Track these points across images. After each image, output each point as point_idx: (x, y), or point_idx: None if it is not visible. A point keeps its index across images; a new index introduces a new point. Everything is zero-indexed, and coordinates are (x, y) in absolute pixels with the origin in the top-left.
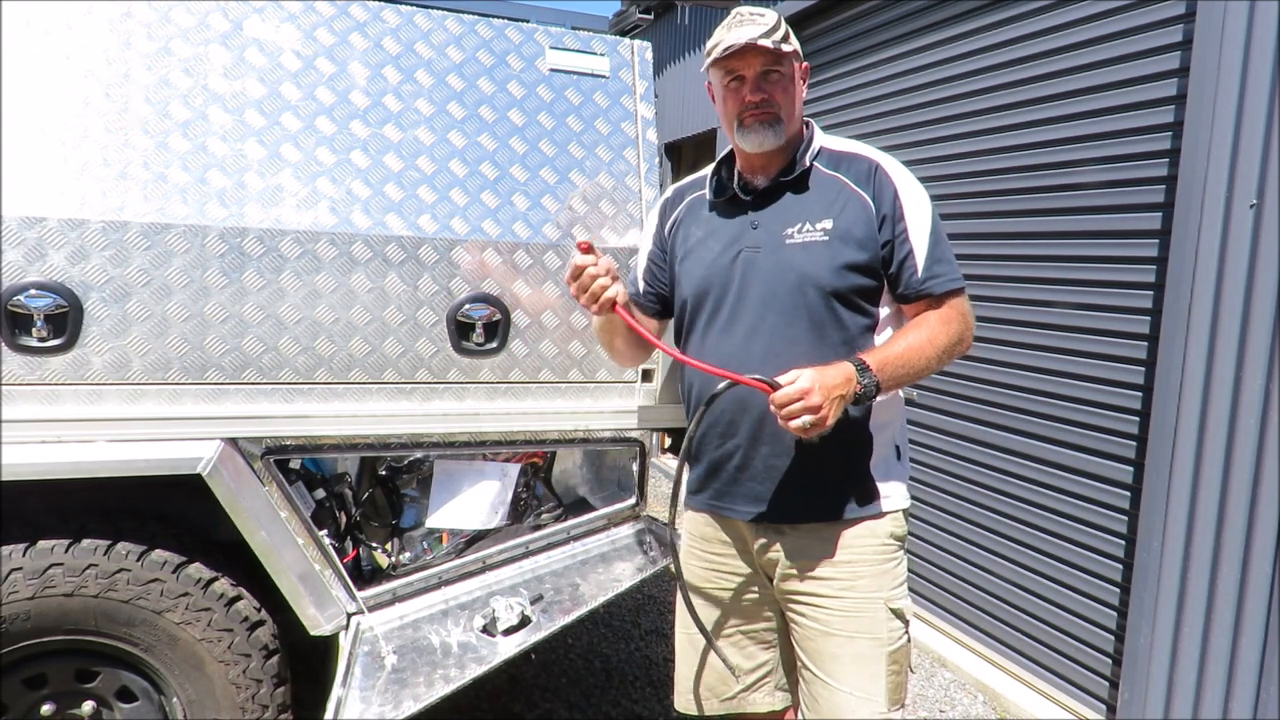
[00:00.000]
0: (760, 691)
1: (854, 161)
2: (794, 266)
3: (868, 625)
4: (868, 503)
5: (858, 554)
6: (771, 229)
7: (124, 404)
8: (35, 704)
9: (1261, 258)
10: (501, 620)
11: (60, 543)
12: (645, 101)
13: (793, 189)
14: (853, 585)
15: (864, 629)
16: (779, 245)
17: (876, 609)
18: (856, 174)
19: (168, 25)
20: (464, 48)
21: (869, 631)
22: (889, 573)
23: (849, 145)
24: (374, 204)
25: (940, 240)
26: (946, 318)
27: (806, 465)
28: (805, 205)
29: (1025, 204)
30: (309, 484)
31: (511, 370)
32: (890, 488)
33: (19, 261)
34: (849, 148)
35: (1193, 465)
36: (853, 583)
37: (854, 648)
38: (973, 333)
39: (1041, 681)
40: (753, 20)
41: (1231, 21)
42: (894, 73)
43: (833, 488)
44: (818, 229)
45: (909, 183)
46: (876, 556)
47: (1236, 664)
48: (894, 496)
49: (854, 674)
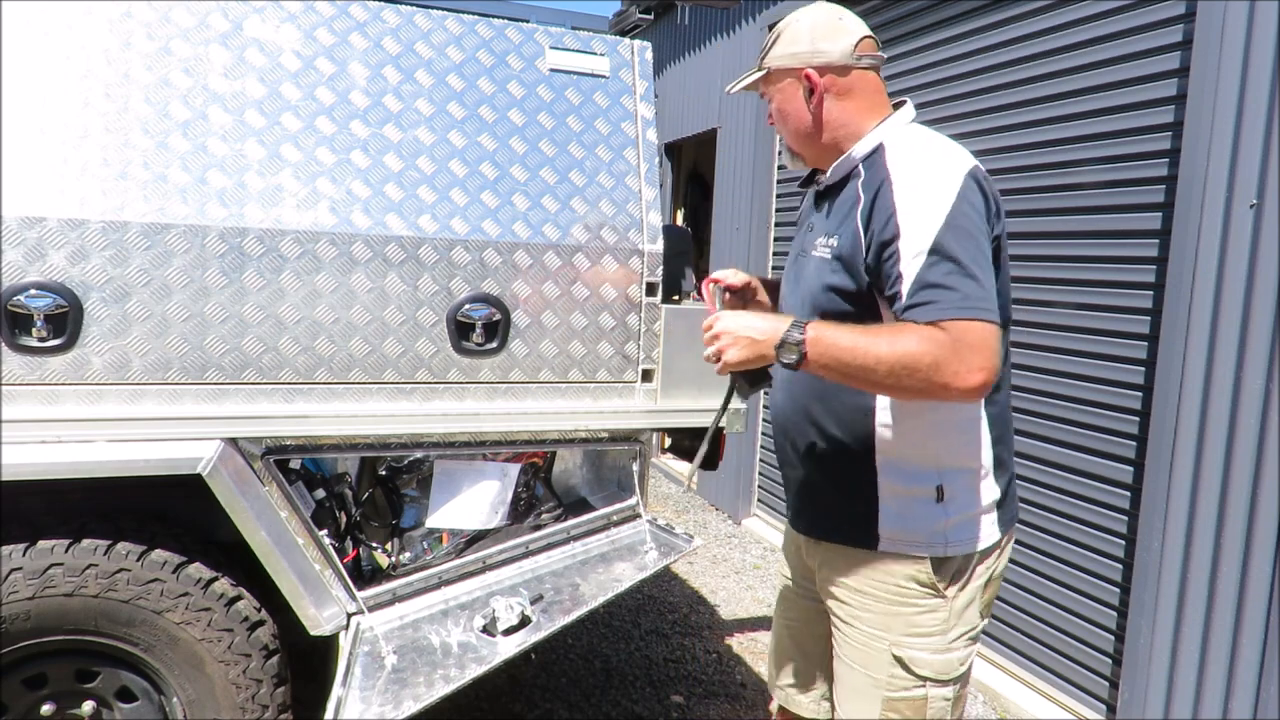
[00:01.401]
0: (807, 695)
1: (877, 171)
2: (806, 279)
3: (865, 660)
4: (865, 538)
5: (871, 587)
6: (813, 236)
7: (124, 404)
8: (35, 704)
9: (1261, 258)
10: (501, 620)
11: (60, 543)
12: (645, 101)
13: (833, 194)
14: (860, 616)
15: (862, 663)
16: (810, 255)
17: (879, 649)
18: (871, 186)
19: (168, 25)
20: (464, 48)
21: (865, 668)
22: (902, 617)
23: (898, 145)
24: (374, 204)
25: (942, 263)
26: (926, 336)
27: (811, 481)
28: (833, 216)
29: (1025, 204)
30: (309, 484)
31: (511, 370)
32: (916, 533)
33: (19, 261)
34: (892, 149)
35: (1193, 465)
36: (860, 614)
37: (852, 678)
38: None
39: (1041, 681)
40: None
41: (1231, 21)
42: (893, 73)
43: (830, 511)
44: (829, 244)
45: (914, 196)
46: (890, 596)
47: (1236, 664)
48: (922, 542)
49: (849, 703)
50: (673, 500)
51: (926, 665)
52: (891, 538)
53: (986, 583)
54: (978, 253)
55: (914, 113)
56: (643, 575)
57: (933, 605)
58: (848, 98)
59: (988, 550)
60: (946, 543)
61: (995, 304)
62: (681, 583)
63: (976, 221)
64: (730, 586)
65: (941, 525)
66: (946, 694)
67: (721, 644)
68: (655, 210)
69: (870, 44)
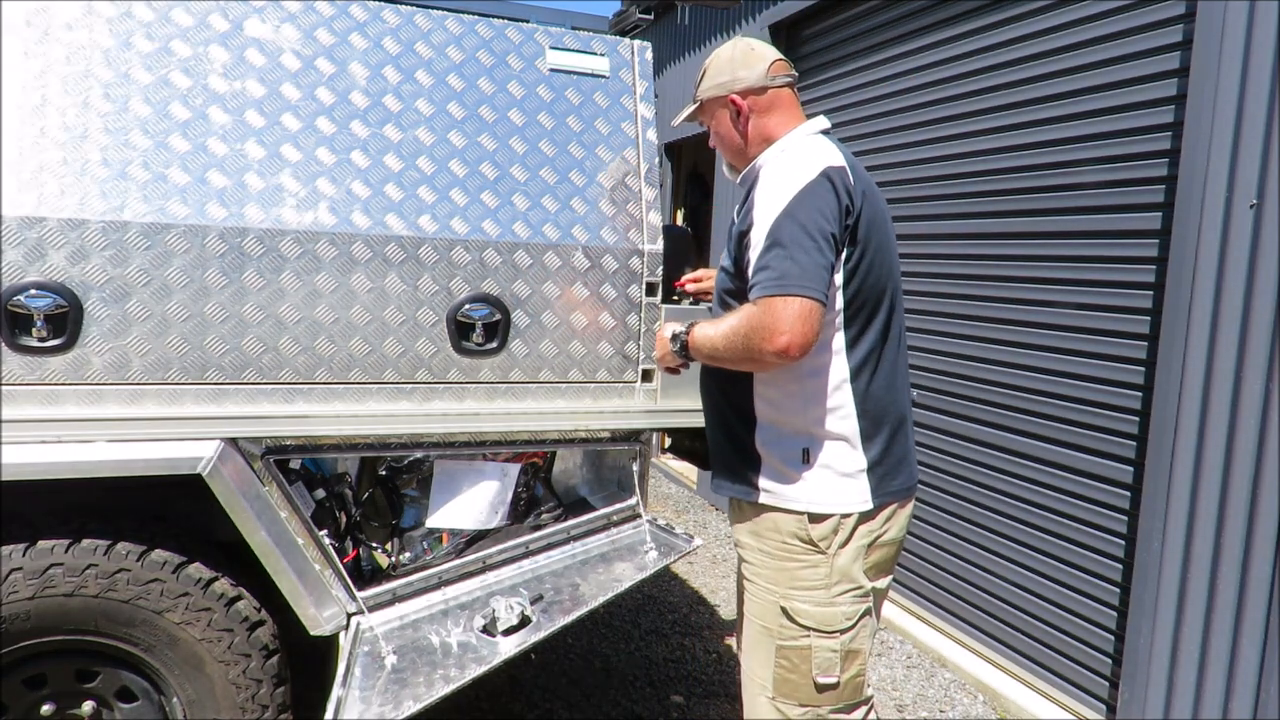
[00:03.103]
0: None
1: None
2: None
3: (761, 611)
4: (750, 490)
5: (762, 543)
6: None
7: (124, 404)
8: (35, 704)
9: (1261, 258)
10: (501, 620)
11: (60, 543)
12: (645, 101)
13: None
14: (759, 572)
15: (758, 615)
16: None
17: (770, 601)
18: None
19: (168, 25)
20: (464, 48)
21: (761, 618)
22: (788, 571)
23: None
24: (374, 204)
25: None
26: (743, 313)
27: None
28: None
29: (1025, 204)
30: (309, 484)
31: (511, 370)
32: (788, 488)
33: (19, 261)
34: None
35: (1193, 465)
36: (759, 570)
37: (751, 629)
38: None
39: (1041, 681)
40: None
41: (1231, 21)
42: (893, 73)
43: (732, 466)
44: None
45: (769, 191)
46: (778, 551)
47: (1236, 664)
48: (793, 497)
49: (749, 652)
50: (673, 500)
51: (809, 616)
52: (768, 490)
53: (870, 544)
54: (804, 237)
55: (824, 124)
56: (643, 575)
57: (814, 561)
58: (768, 114)
59: (869, 515)
60: (813, 500)
61: (814, 283)
62: (681, 583)
63: (812, 213)
64: (730, 586)
65: (809, 483)
66: (833, 645)
67: (721, 644)
68: (655, 210)
69: (782, 65)
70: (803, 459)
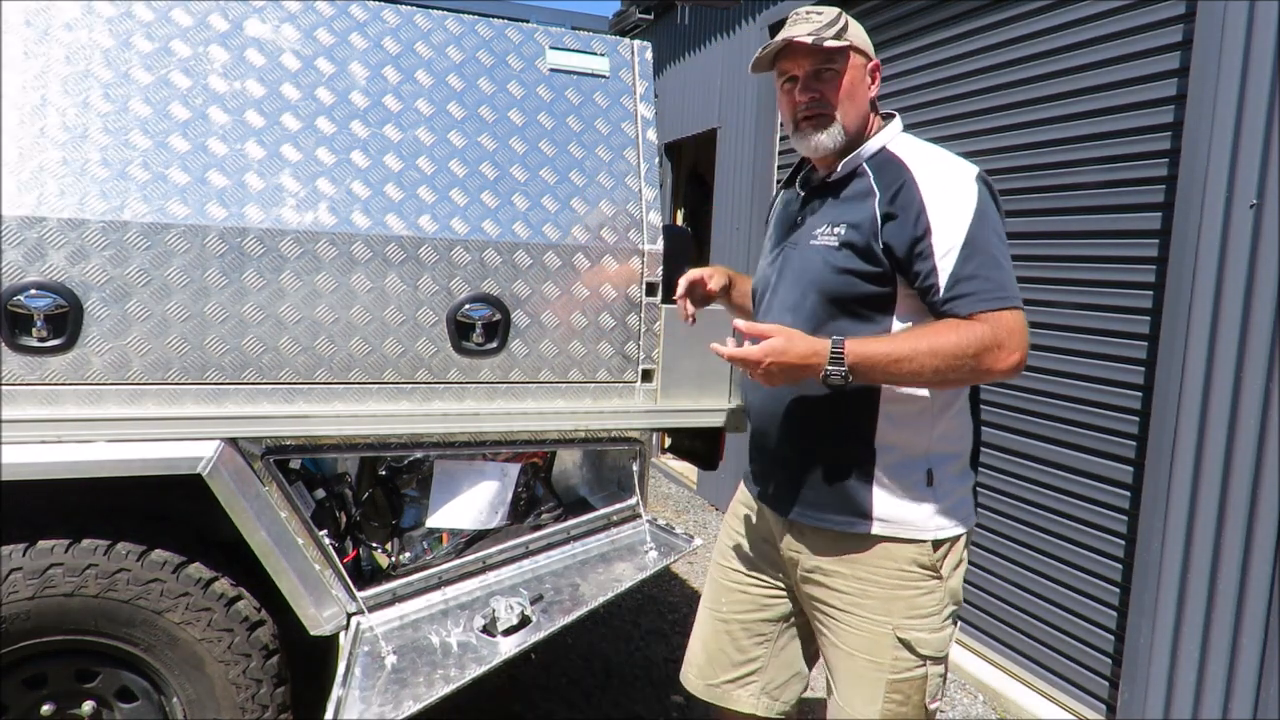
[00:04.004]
0: (745, 689)
1: (893, 170)
2: (807, 269)
3: (868, 646)
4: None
5: (870, 573)
6: (809, 228)
7: (124, 404)
8: (35, 704)
9: (1261, 258)
10: (501, 620)
11: (60, 543)
12: (645, 101)
13: (837, 189)
14: (860, 604)
15: (864, 649)
16: (806, 245)
17: (882, 633)
18: (887, 183)
19: (168, 25)
20: (464, 48)
21: (869, 653)
22: (904, 600)
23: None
24: (374, 204)
25: (974, 256)
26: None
27: (808, 465)
28: (839, 207)
29: (1025, 204)
30: (309, 484)
31: (511, 370)
32: (912, 516)
33: (19, 261)
34: (902, 153)
35: (1193, 465)
36: (861, 601)
37: (853, 665)
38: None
39: (1041, 681)
40: (807, 19)
41: (1231, 21)
42: (893, 73)
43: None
44: (834, 233)
45: (941, 195)
46: (891, 581)
47: (1236, 664)
48: (919, 526)
49: (850, 691)
50: (673, 500)
51: (928, 645)
52: (885, 519)
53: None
54: (1001, 244)
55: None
56: (643, 575)
57: (931, 586)
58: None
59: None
60: (941, 526)
61: (1018, 291)
62: (681, 583)
63: (996, 218)
64: None
65: (934, 508)
66: (940, 670)
67: None
68: (655, 210)
69: None
70: (927, 481)
